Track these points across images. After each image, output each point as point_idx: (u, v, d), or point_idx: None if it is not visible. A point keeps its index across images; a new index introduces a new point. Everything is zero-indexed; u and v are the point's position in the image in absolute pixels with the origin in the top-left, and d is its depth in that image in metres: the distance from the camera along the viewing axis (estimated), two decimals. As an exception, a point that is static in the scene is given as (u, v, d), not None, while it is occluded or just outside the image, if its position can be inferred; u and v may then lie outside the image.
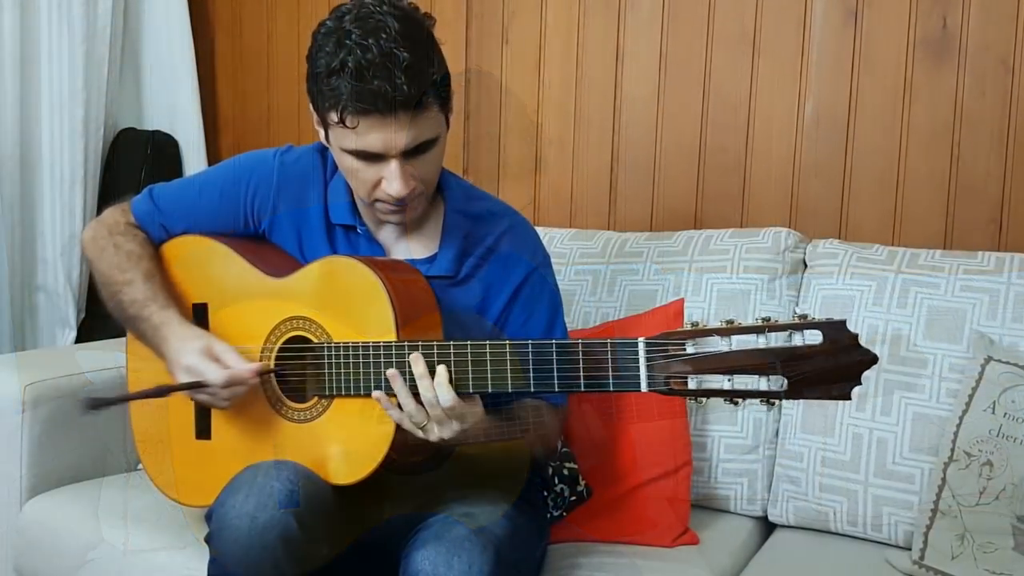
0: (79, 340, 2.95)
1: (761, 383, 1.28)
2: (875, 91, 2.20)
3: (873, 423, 1.87)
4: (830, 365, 1.26)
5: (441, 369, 1.43)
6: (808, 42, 2.26)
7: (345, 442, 1.55)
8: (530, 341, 1.43)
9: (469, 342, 1.45)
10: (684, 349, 1.31)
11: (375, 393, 1.48)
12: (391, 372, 1.46)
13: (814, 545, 1.90)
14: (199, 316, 1.72)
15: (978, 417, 1.74)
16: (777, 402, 1.30)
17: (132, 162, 3.04)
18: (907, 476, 1.83)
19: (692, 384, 1.31)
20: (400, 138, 1.50)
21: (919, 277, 1.91)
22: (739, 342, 1.28)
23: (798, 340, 1.26)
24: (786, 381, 1.27)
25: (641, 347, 1.35)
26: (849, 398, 1.27)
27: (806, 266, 2.07)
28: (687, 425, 1.96)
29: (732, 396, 1.30)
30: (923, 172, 2.17)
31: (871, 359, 1.26)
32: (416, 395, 1.45)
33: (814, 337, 1.26)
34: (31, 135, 2.90)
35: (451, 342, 1.46)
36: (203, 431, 1.70)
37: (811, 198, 2.28)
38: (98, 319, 2.90)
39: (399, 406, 1.47)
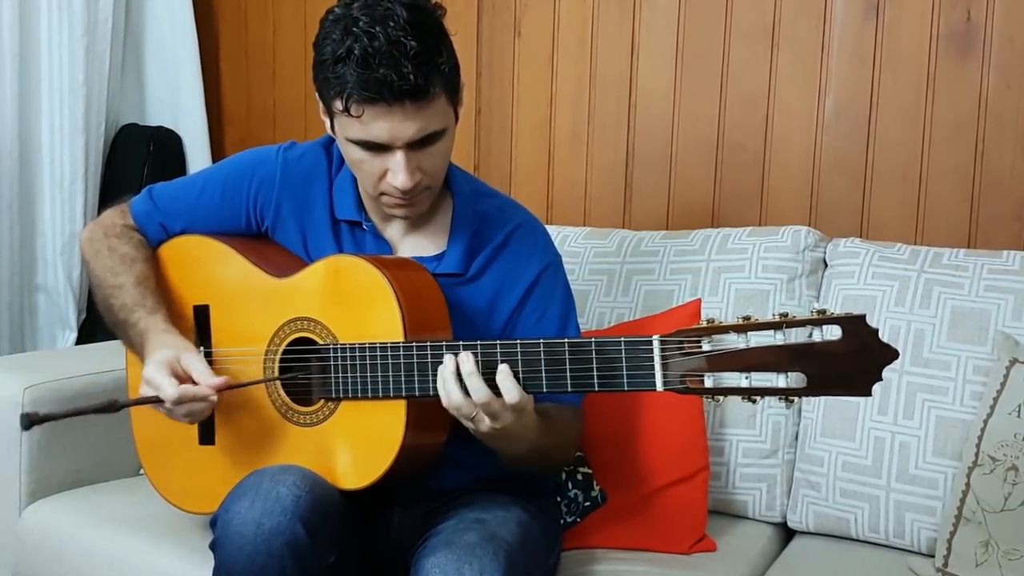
0: (80, 341, 2.94)
1: (780, 380, 1.26)
2: (897, 86, 2.18)
3: (895, 427, 1.84)
4: (850, 360, 1.23)
5: (504, 367, 1.40)
6: (829, 36, 2.24)
7: (353, 446, 1.53)
8: (542, 340, 1.41)
9: (479, 342, 1.44)
10: (700, 346, 1.29)
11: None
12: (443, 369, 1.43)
13: (835, 552, 1.88)
14: (201, 318, 1.70)
15: (1003, 420, 1.71)
16: (796, 399, 1.29)
17: (134, 159, 3.02)
18: (930, 481, 1.80)
19: (709, 382, 1.29)
20: (406, 128, 1.48)
21: (942, 277, 1.89)
22: (756, 339, 1.27)
23: (817, 336, 1.24)
24: (805, 377, 1.25)
25: (656, 345, 1.33)
26: (869, 394, 1.25)
27: (826, 265, 2.06)
28: (704, 429, 1.94)
29: (750, 394, 1.27)
30: (946, 168, 2.15)
31: (892, 354, 1.23)
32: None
33: (833, 332, 1.24)
34: (31, 132, 2.88)
35: (460, 342, 1.45)
36: (207, 436, 1.68)
37: (832, 195, 2.27)
38: (99, 320, 2.85)
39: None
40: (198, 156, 3.09)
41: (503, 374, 1.39)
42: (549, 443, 1.55)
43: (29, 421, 1.46)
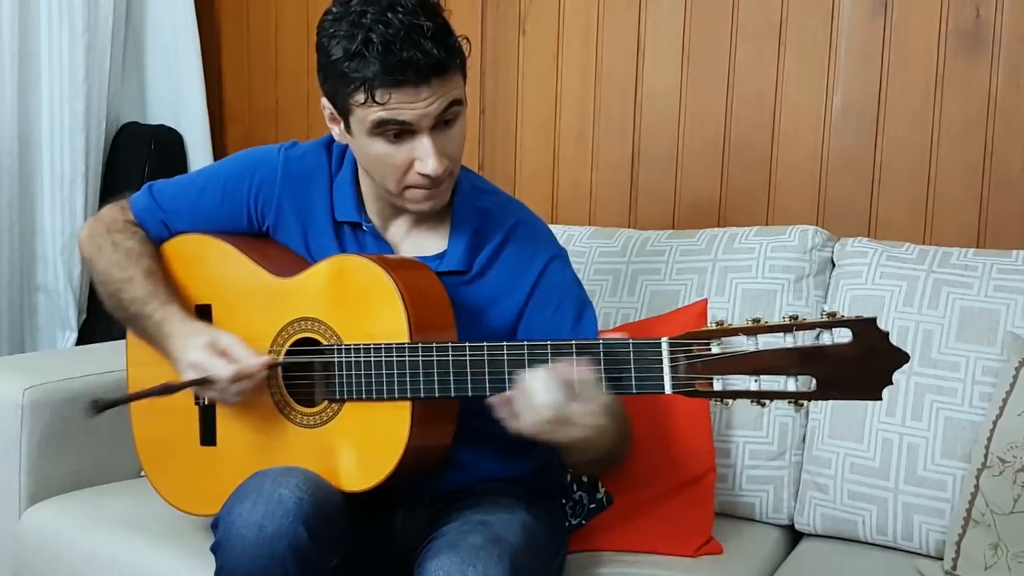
0: (80, 342, 2.93)
1: (789, 383, 1.26)
2: (906, 84, 2.17)
3: (903, 428, 1.83)
4: (860, 364, 1.23)
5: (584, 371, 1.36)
6: (836, 34, 2.23)
7: (357, 447, 1.52)
8: (549, 342, 1.40)
9: (485, 344, 1.43)
10: (709, 349, 1.29)
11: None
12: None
13: (842, 554, 1.87)
14: (203, 318, 1.69)
15: (1012, 422, 1.69)
16: (805, 403, 1.29)
17: (135, 158, 3.01)
18: (939, 483, 1.79)
19: (717, 385, 1.29)
20: (432, 106, 1.48)
21: (951, 277, 1.88)
22: (766, 341, 1.27)
23: (826, 339, 1.24)
24: (815, 381, 1.25)
25: (664, 347, 1.33)
26: (880, 398, 1.25)
27: (834, 265, 2.04)
28: (710, 430, 1.93)
29: (759, 397, 1.27)
30: (955, 167, 2.14)
31: (902, 357, 1.24)
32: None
33: (843, 335, 1.24)
34: (30, 130, 2.87)
35: (466, 343, 1.44)
36: (208, 437, 1.67)
37: (839, 194, 2.26)
38: (100, 320, 2.88)
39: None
40: (200, 155, 3.08)
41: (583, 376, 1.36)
42: (620, 434, 1.51)
43: (99, 406, 1.54)
